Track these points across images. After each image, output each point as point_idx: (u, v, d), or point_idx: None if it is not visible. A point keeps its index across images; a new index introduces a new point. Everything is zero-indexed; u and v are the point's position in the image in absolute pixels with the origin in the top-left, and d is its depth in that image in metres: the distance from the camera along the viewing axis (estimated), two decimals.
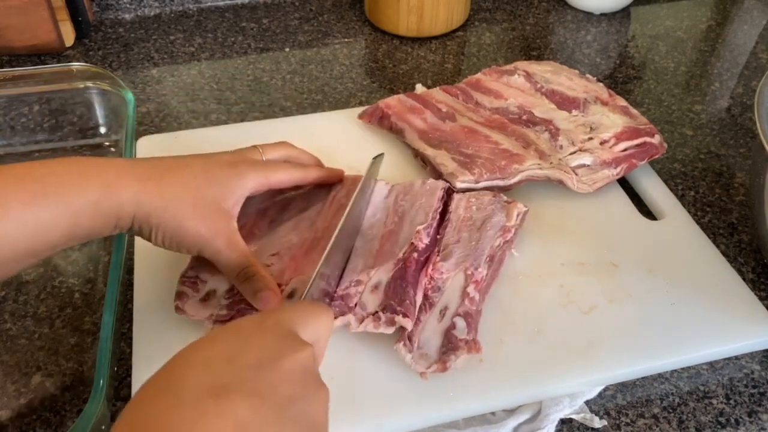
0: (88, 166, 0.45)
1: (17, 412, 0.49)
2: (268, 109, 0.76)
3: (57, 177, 0.43)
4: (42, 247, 0.43)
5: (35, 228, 0.42)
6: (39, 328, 0.54)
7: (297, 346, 0.34)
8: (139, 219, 0.46)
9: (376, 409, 0.47)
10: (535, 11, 0.96)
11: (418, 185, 0.59)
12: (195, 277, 0.51)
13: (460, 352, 0.48)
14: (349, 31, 0.90)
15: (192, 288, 0.51)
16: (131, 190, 0.45)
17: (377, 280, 0.50)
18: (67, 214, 0.43)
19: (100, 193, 0.44)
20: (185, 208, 0.47)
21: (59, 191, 0.43)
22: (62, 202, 0.43)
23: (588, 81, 0.73)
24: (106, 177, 0.45)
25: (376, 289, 0.50)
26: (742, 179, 0.71)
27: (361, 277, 0.50)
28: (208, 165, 0.50)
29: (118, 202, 0.45)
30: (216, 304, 0.50)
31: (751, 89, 0.84)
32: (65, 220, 0.43)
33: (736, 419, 0.51)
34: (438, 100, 0.70)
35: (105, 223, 0.45)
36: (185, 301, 0.50)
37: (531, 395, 0.49)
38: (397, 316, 0.48)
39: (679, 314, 0.54)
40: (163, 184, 0.47)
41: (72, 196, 0.43)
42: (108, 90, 0.68)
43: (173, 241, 0.48)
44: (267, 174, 0.53)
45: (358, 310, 0.49)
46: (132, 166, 0.47)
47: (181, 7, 0.92)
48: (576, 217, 0.62)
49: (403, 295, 0.49)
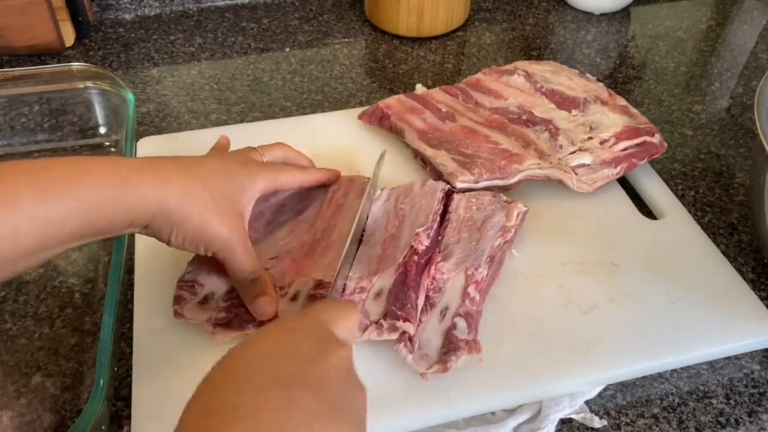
0: (103, 163, 0.44)
1: (17, 412, 0.49)
2: (268, 109, 0.76)
3: (71, 172, 0.42)
4: (50, 244, 0.41)
5: (46, 223, 0.40)
6: (39, 328, 0.54)
7: (338, 344, 0.35)
8: (160, 216, 0.45)
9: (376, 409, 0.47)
10: (535, 11, 0.96)
11: (417, 187, 0.59)
12: (192, 281, 0.51)
13: (460, 352, 0.47)
14: (349, 31, 0.90)
15: (190, 291, 0.51)
16: (152, 186, 0.44)
17: (380, 287, 0.50)
18: (80, 210, 0.41)
19: (117, 188, 0.43)
20: (209, 208, 0.46)
21: (73, 186, 0.41)
22: (76, 197, 0.41)
23: (588, 81, 0.73)
24: (123, 173, 0.43)
25: (378, 297, 0.50)
26: (742, 179, 0.71)
27: (364, 284, 0.50)
28: (224, 164, 0.50)
29: (136, 198, 0.43)
30: (214, 306, 0.50)
31: (751, 89, 0.84)
32: (78, 216, 0.41)
33: (736, 419, 0.51)
34: (438, 101, 0.70)
35: (119, 221, 0.44)
36: (183, 305, 0.50)
37: (531, 395, 0.49)
38: (399, 321, 0.47)
39: (679, 314, 0.54)
40: (186, 180, 0.46)
41: (86, 191, 0.42)
42: (108, 90, 0.68)
43: (195, 240, 0.47)
44: (275, 176, 0.53)
45: (361, 318, 0.49)
46: (149, 163, 0.45)
47: (181, 7, 0.92)
48: (576, 216, 0.62)
49: (404, 299, 0.49)
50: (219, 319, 0.50)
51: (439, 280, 0.52)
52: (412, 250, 0.52)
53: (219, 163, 0.50)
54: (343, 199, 0.58)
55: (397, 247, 0.53)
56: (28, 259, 0.42)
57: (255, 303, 0.49)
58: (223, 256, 0.48)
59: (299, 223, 0.57)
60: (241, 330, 0.49)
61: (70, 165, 0.42)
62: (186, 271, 0.52)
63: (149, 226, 0.45)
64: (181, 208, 0.45)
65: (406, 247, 0.52)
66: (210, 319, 0.50)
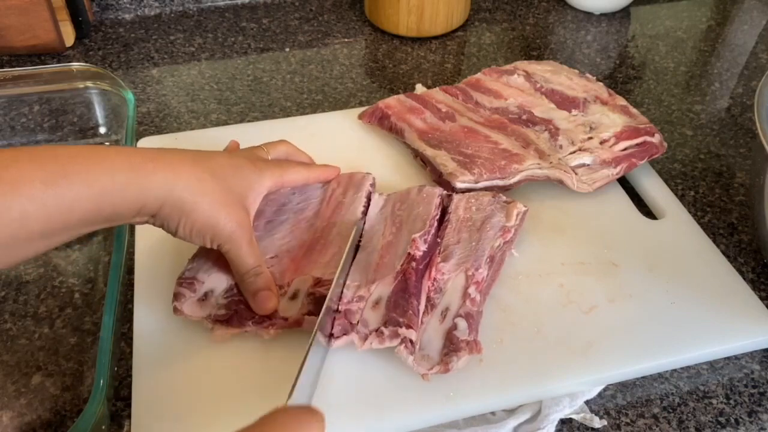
0: (113, 151, 0.44)
1: (17, 412, 0.49)
2: (268, 109, 0.76)
3: (81, 158, 0.42)
4: (57, 230, 0.41)
5: (54, 208, 0.40)
6: (39, 328, 0.54)
7: None
8: (168, 205, 0.44)
9: (377, 409, 0.47)
10: (535, 11, 0.96)
11: (414, 193, 0.58)
12: (192, 278, 0.51)
13: (461, 353, 0.47)
14: (349, 31, 0.90)
15: (189, 288, 0.51)
16: (163, 174, 0.44)
17: (377, 295, 0.50)
18: (89, 196, 0.41)
19: (128, 176, 0.42)
20: (219, 199, 0.46)
21: (82, 172, 0.41)
22: (85, 183, 0.41)
23: (588, 80, 0.73)
24: (134, 161, 0.43)
25: (377, 306, 0.49)
26: (742, 179, 0.71)
27: (362, 293, 0.50)
28: (233, 159, 0.50)
29: (146, 186, 0.43)
30: (214, 303, 0.50)
31: (751, 89, 0.84)
32: (86, 202, 0.41)
33: (736, 419, 0.51)
34: (438, 100, 0.70)
35: (128, 208, 0.43)
36: (183, 302, 0.50)
37: (531, 395, 0.49)
38: (401, 328, 0.47)
39: (679, 314, 0.54)
40: (197, 171, 0.46)
41: (96, 177, 0.41)
42: (108, 90, 0.68)
43: (202, 231, 0.47)
44: (282, 173, 0.53)
45: (360, 327, 0.48)
46: (160, 153, 0.45)
47: (181, 7, 0.92)
48: (576, 216, 0.62)
49: (405, 306, 0.49)
50: (218, 316, 0.50)
51: (439, 281, 0.52)
52: (409, 257, 0.52)
53: (228, 158, 0.50)
54: (342, 197, 0.58)
55: (395, 254, 0.53)
56: (35, 244, 0.41)
57: (256, 297, 0.49)
58: (227, 248, 0.48)
59: (299, 223, 0.57)
60: (240, 327, 0.49)
61: (81, 152, 0.42)
62: (186, 269, 0.52)
63: (157, 215, 0.45)
64: (192, 198, 0.45)
65: (404, 255, 0.52)
66: (209, 315, 0.50)
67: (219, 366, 0.49)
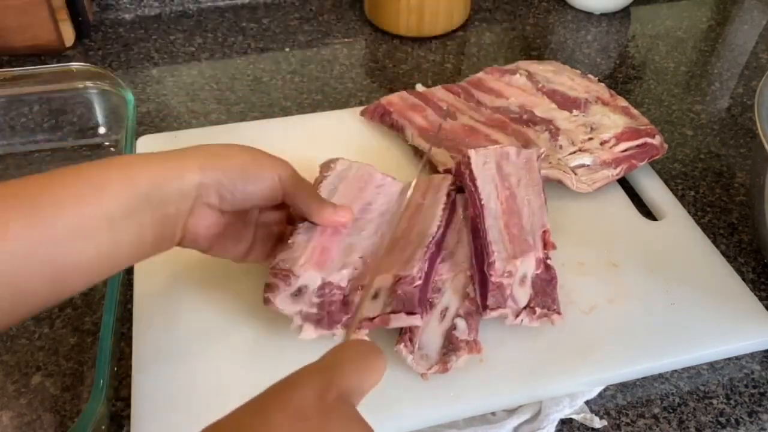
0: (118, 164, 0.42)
1: (17, 412, 0.49)
2: (268, 109, 0.76)
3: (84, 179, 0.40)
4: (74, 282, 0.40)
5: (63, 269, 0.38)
6: (39, 328, 0.54)
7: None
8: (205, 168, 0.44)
9: (376, 409, 0.47)
10: (535, 11, 0.96)
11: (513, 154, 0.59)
12: (288, 270, 0.48)
13: (461, 352, 0.47)
14: (349, 31, 0.90)
15: (284, 281, 0.48)
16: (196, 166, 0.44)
17: (522, 273, 0.51)
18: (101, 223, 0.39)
19: (150, 183, 0.41)
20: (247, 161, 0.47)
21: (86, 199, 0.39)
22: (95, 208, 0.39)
23: (589, 81, 0.73)
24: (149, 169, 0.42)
25: (523, 282, 0.51)
26: (742, 179, 0.71)
27: (510, 268, 0.50)
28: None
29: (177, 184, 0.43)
30: (307, 301, 0.48)
31: (751, 89, 0.84)
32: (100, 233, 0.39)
33: (736, 419, 0.51)
34: (439, 98, 0.70)
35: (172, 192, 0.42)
36: (276, 294, 0.47)
37: (531, 395, 0.49)
38: (553, 314, 0.51)
39: (679, 314, 0.54)
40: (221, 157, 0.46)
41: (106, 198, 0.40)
42: (108, 90, 0.68)
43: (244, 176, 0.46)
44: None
45: (510, 302, 0.50)
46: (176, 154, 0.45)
47: (181, 7, 0.92)
48: (576, 217, 0.62)
49: (553, 295, 0.52)
50: (309, 315, 0.48)
51: (438, 281, 0.52)
52: (545, 234, 0.53)
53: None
54: (421, 199, 0.57)
55: (520, 226, 0.54)
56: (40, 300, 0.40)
57: (323, 210, 0.49)
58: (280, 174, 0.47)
59: (382, 225, 0.55)
60: (329, 329, 0.48)
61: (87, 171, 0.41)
62: (279, 259, 0.49)
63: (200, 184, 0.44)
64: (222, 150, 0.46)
65: (532, 230, 0.54)
66: (300, 311, 0.48)
67: (219, 366, 0.49)
